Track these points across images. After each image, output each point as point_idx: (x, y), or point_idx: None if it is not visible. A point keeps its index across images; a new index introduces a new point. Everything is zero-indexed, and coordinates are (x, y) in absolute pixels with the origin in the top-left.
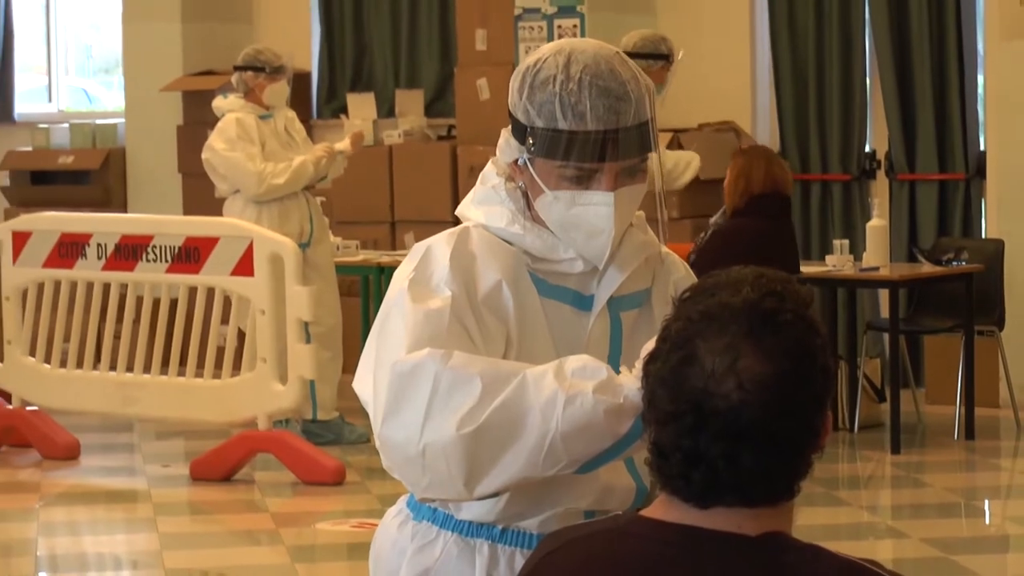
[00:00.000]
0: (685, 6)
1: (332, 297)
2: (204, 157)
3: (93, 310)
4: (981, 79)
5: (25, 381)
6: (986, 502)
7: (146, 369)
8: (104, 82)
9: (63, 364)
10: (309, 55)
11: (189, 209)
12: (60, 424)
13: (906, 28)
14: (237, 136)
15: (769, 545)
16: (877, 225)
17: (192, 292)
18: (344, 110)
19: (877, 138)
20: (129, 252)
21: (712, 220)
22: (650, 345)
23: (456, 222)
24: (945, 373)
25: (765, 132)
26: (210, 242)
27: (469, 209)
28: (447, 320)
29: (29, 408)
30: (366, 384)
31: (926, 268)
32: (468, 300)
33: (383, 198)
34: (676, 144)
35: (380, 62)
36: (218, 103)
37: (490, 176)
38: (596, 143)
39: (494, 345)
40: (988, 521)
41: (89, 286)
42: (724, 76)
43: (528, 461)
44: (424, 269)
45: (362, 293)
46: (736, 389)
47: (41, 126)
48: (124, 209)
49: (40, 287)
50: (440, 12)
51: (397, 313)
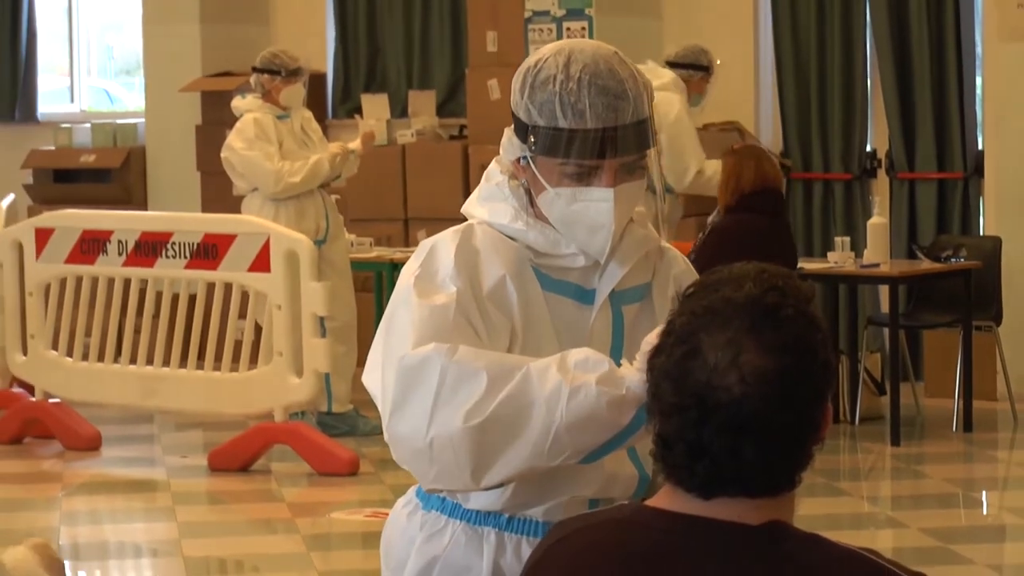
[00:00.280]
0: (690, 9)
1: (347, 293)
2: (223, 156)
3: (114, 305)
4: (979, 80)
5: (48, 374)
6: (984, 493)
7: (166, 362)
8: (125, 83)
9: (85, 358)
10: (324, 57)
11: (208, 207)
12: (82, 416)
13: (906, 30)
14: (255, 136)
15: (771, 534)
16: (877, 223)
17: (210, 288)
18: (358, 110)
19: (878, 138)
20: (149, 249)
21: (709, 219)
22: (651, 337)
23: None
24: (944, 367)
25: (768, 132)
26: (228, 239)
27: (474, 207)
28: (452, 315)
29: (52, 400)
30: (375, 378)
31: (925, 265)
32: (473, 295)
33: (396, 196)
34: None
35: (393, 64)
36: (237, 103)
37: (494, 174)
38: (596, 140)
39: (498, 338)
40: (985, 511)
41: (110, 282)
42: (728, 77)
43: (533, 452)
44: (430, 266)
45: (376, 289)
46: (738, 383)
47: (63, 126)
48: (144, 207)
49: (62, 283)
50: (452, 15)
51: (404, 309)
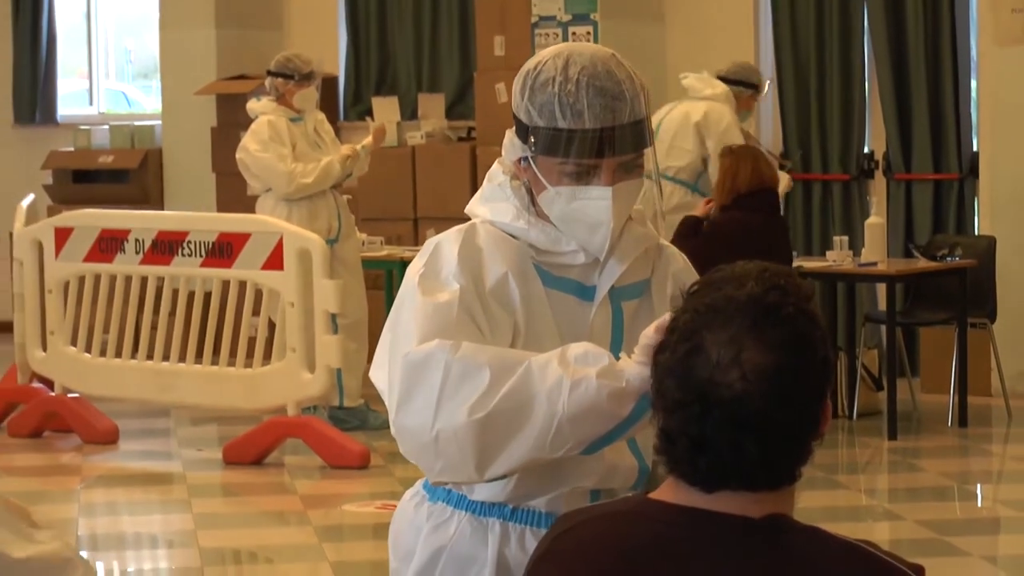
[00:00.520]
0: (693, 14)
1: (358, 290)
2: (238, 157)
3: (131, 302)
4: (974, 83)
5: (67, 369)
6: (978, 486)
7: (182, 358)
8: (142, 86)
9: (103, 353)
10: (336, 60)
11: (222, 206)
12: (100, 410)
13: (903, 35)
14: (269, 138)
15: (771, 527)
16: (875, 222)
17: (225, 285)
18: (369, 113)
19: (875, 140)
20: (165, 247)
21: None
22: (649, 331)
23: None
24: (939, 363)
25: (768, 134)
26: (242, 238)
27: (477, 206)
28: (455, 312)
29: (71, 395)
30: (382, 374)
31: (922, 263)
32: (476, 292)
33: (406, 196)
34: None
35: (403, 67)
36: (251, 106)
37: (496, 175)
38: (594, 140)
39: (501, 334)
40: (980, 504)
41: (127, 279)
42: None
43: (536, 444)
44: (434, 264)
45: (386, 286)
46: (740, 379)
47: (82, 128)
48: (161, 206)
49: (81, 280)
50: (460, 20)
51: (409, 306)
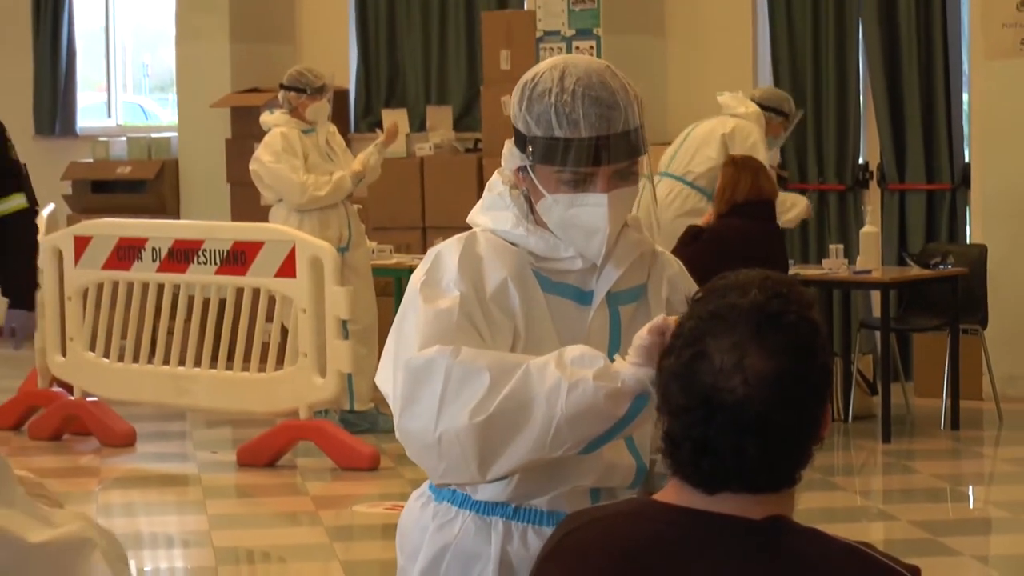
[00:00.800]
0: (693, 29)
1: (368, 297)
2: (251, 168)
3: (148, 309)
4: (966, 96)
5: (86, 374)
6: (970, 487)
7: (197, 363)
8: (159, 99)
9: (121, 358)
10: (347, 74)
11: (237, 216)
12: (118, 414)
13: (896, 49)
14: (282, 149)
15: (772, 528)
16: (869, 231)
17: (239, 292)
18: (379, 124)
19: (870, 151)
20: (181, 255)
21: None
22: (642, 332)
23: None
24: (932, 368)
25: None
26: (256, 246)
27: (478, 215)
28: (456, 318)
29: (89, 399)
30: (387, 379)
31: (915, 271)
32: (476, 298)
33: (415, 206)
34: None
35: (412, 80)
36: (265, 118)
37: (496, 184)
38: (589, 148)
39: (502, 339)
40: (972, 505)
41: (145, 287)
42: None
43: (536, 444)
44: (435, 272)
45: (396, 293)
46: (742, 385)
47: (101, 139)
48: (177, 216)
49: (99, 288)
50: (467, 34)
51: (411, 314)
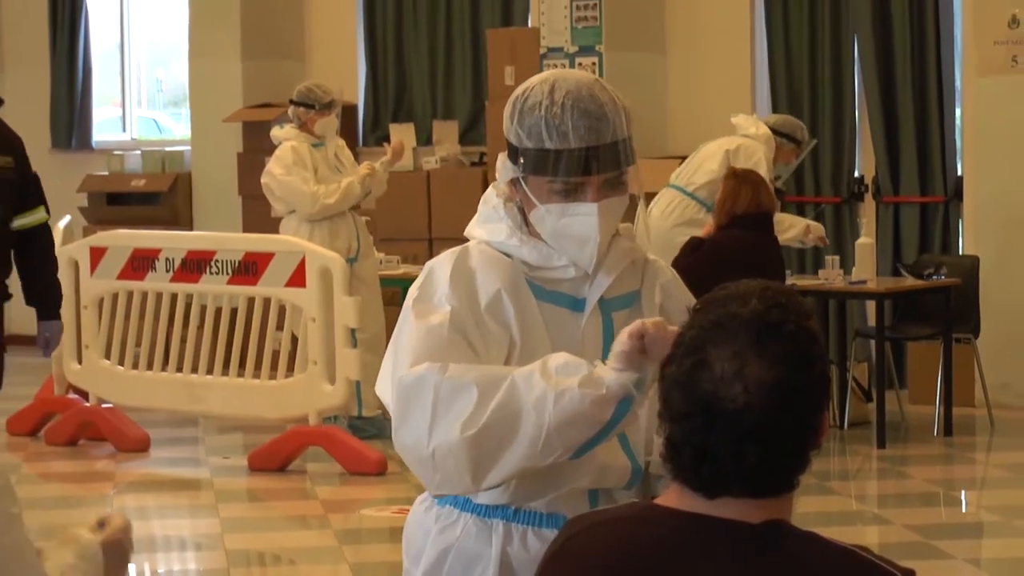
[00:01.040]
0: (692, 46)
1: (376, 306)
2: (263, 181)
3: (162, 318)
4: (959, 111)
5: (101, 381)
6: (963, 492)
7: (209, 371)
8: (172, 113)
9: (135, 366)
10: (356, 89)
11: (248, 227)
12: (132, 420)
13: (891, 66)
14: (293, 162)
15: (771, 532)
16: (865, 243)
17: (250, 302)
18: (387, 139)
19: (865, 164)
20: (194, 266)
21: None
22: (622, 338)
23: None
24: (926, 376)
25: None
26: (267, 257)
27: (474, 228)
28: (446, 333)
29: (104, 405)
30: (386, 389)
31: (909, 281)
32: (469, 311)
33: (422, 218)
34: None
35: (419, 96)
36: (275, 132)
37: (491, 198)
38: (579, 159)
39: (496, 350)
40: (964, 509)
41: (159, 296)
42: (727, 107)
43: (527, 453)
44: (427, 287)
45: (403, 303)
46: (742, 393)
47: (116, 153)
48: (190, 227)
49: (115, 297)
50: (473, 51)
51: (404, 330)
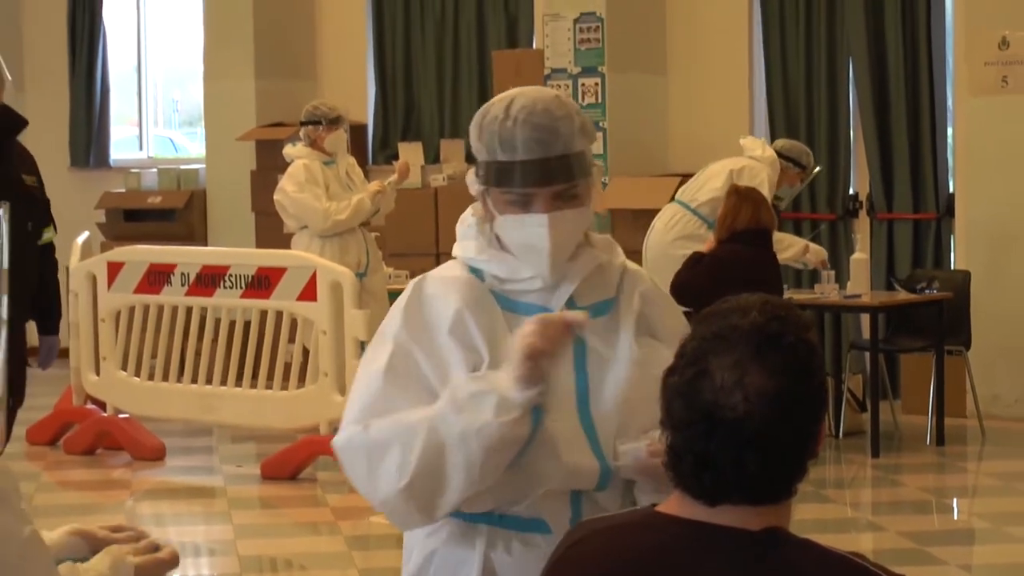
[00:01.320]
0: (693, 67)
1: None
2: (276, 198)
3: (177, 331)
4: (950, 130)
5: (118, 392)
6: (955, 500)
7: (223, 382)
8: (188, 133)
9: (151, 377)
10: (365, 109)
11: (261, 243)
12: (148, 429)
13: (885, 86)
14: (305, 180)
15: (769, 539)
16: (859, 258)
17: (263, 315)
18: (396, 157)
19: (859, 182)
20: (209, 280)
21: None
22: (517, 362)
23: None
24: (919, 387)
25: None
26: (279, 272)
27: (455, 246)
28: (382, 381)
29: (121, 415)
30: None
31: (902, 295)
32: (421, 341)
33: (429, 233)
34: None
35: (427, 115)
36: (288, 151)
37: (467, 218)
38: (526, 171)
39: (460, 369)
40: (956, 517)
41: (174, 310)
42: (726, 126)
43: (466, 484)
44: (385, 326)
45: None
46: (742, 402)
47: (133, 171)
48: (204, 243)
49: (131, 310)
50: (479, 72)
51: (359, 372)
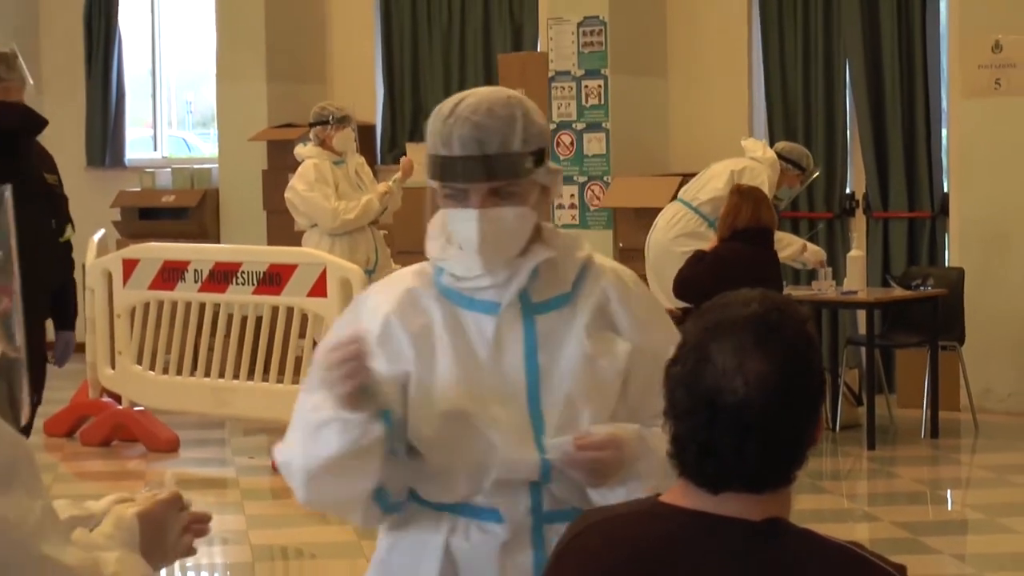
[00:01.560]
0: (693, 70)
1: None
2: (286, 197)
3: (191, 326)
4: (945, 131)
5: (133, 385)
6: (948, 491)
7: (235, 376)
8: (201, 133)
9: (165, 371)
10: (374, 110)
11: (272, 241)
12: (162, 422)
13: (880, 88)
14: (315, 179)
15: (770, 529)
16: (856, 255)
17: (274, 311)
18: (404, 156)
19: (856, 181)
20: (221, 277)
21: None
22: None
23: None
24: (914, 381)
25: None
26: (290, 268)
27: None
28: (308, 408)
29: (136, 408)
30: None
31: (898, 292)
32: None
33: None
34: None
35: None
36: (298, 151)
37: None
38: (459, 166)
39: (386, 385)
40: (950, 508)
41: (187, 305)
42: (726, 128)
43: (362, 478)
44: (322, 342)
45: None
46: (743, 386)
47: (147, 170)
48: (217, 240)
49: (146, 306)
50: (485, 74)
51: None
